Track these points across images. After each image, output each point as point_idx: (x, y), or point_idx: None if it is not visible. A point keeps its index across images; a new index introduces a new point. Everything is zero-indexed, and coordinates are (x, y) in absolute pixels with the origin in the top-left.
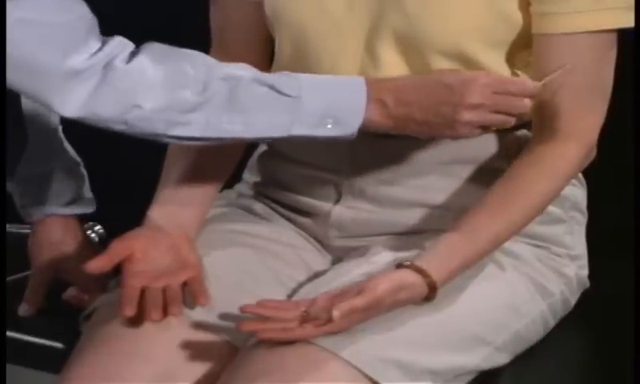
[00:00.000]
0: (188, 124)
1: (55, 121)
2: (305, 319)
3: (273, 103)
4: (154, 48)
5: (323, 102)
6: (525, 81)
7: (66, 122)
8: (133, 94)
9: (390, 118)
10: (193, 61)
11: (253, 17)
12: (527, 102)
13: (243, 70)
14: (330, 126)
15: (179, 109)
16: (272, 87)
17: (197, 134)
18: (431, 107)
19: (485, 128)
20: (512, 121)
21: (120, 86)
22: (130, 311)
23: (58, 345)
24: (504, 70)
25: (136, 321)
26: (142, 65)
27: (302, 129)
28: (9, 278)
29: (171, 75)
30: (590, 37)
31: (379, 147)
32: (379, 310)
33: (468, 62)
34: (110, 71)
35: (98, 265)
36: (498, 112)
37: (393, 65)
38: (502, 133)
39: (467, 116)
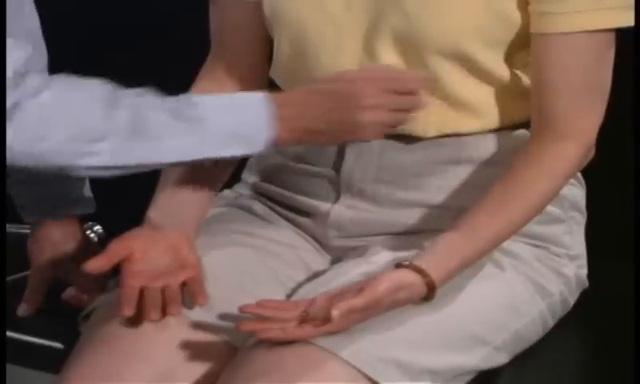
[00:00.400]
0: (97, 154)
1: None
2: (304, 319)
3: (174, 128)
4: (60, 80)
5: (229, 122)
6: (408, 79)
7: None
8: (40, 128)
9: (293, 131)
10: (97, 91)
11: (252, 17)
12: (416, 100)
13: (143, 97)
14: (237, 146)
15: (86, 138)
16: (172, 112)
17: (107, 163)
18: (328, 115)
19: (390, 127)
20: (406, 118)
21: (27, 122)
22: (128, 311)
23: (57, 345)
24: (503, 70)
25: (135, 321)
26: (48, 98)
27: (215, 151)
28: (8, 278)
29: (77, 106)
30: (589, 36)
31: (378, 147)
32: (378, 309)
33: (467, 62)
34: (18, 110)
35: (97, 265)
36: (393, 110)
37: (391, 64)
38: (501, 133)
39: (368, 117)
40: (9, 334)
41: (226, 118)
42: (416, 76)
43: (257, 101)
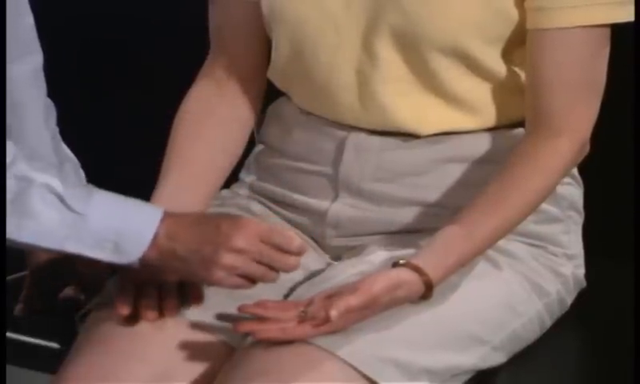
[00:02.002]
0: None
1: (53, 122)
2: (302, 319)
3: (54, 213)
4: None
5: (108, 225)
6: (292, 237)
7: (64, 123)
8: None
9: (155, 248)
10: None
11: (251, 17)
12: (293, 261)
13: (41, 173)
14: (108, 251)
15: None
16: (61, 198)
17: None
18: (195, 244)
19: (245, 278)
20: (272, 276)
21: None
22: (125, 310)
23: (54, 345)
24: (501, 67)
25: (132, 321)
26: None
27: (76, 247)
28: (6, 278)
29: None
30: (584, 32)
31: (376, 146)
32: (376, 308)
33: (465, 59)
34: None
35: (94, 264)
36: (259, 262)
37: (390, 62)
38: (499, 131)
39: (227, 259)
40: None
41: (109, 219)
42: (292, 237)
43: (148, 217)
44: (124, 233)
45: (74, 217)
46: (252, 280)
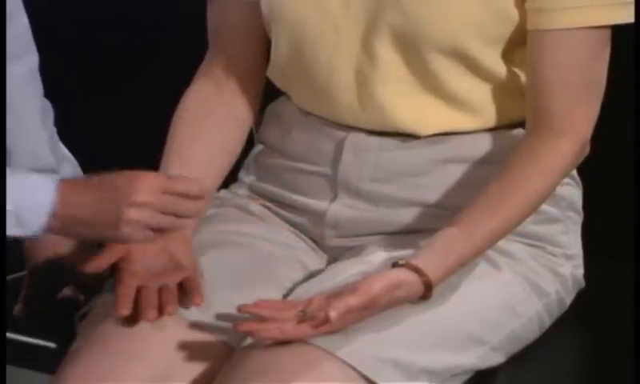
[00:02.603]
0: None
1: (50, 122)
2: (301, 319)
3: None
4: None
5: (7, 199)
6: (193, 180)
7: (62, 124)
8: None
9: (56, 217)
10: None
11: (250, 16)
12: (198, 205)
13: None
14: (11, 226)
15: None
16: None
17: None
18: (95, 206)
19: (155, 231)
20: (181, 223)
21: None
22: (125, 310)
23: (53, 345)
24: (501, 68)
25: (132, 321)
26: None
27: None
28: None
29: None
30: (585, 33)
31: (375, 146)
32: (375, 309)
33: (465, 59)
34: None
35: (94, 264)
36: (166, 213)
37: (390, 62)
38: (498, 132)
39: (132, 215)
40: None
41: (8, 196)
42: (190, 181)
43: (43, 187)
44: (22, 205)
45: None
46: (161, 231)
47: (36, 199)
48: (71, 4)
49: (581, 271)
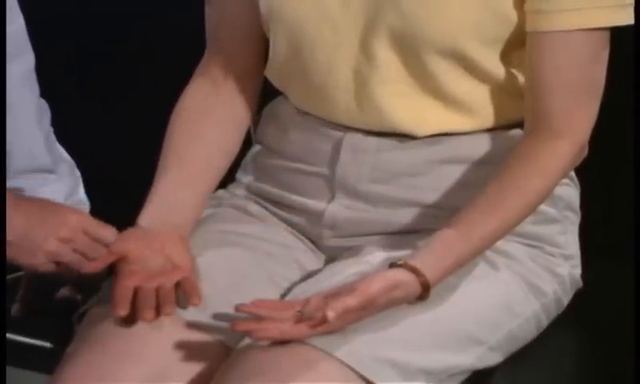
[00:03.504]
0: None
1: (47, 122)
2: (299, 319)
3: None
4: None
5: None
6: (111, 230)
7: (58, 124)
8: None
9: None
10: None
11: (248, 16)
12: (102, 251)
13: None
14: None
15: None
16: None
17: None
18: (22, 230)
19: (60, 264)
20: (84, 264)
21: None
22: (123, 311)
23: (51, 345)
24: (499, 69)
25: (129, 321)
26: None
27: None
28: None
29: None
30: (584, 35)
31: (372, 146)
32: (373, 309)
33: (463, 60)
34: None
35: (91, 265)
36: (79, 251)
37: (388, 63)
38: (497, 132)
39: (53, 247)
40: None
41: None
42: (112, 229)
43: None
44: None
45: None
46: (65, 267)
47: None
48: (67, 4)
49: (578, 271)
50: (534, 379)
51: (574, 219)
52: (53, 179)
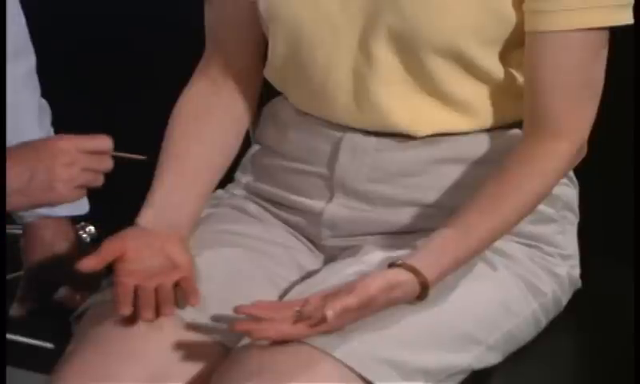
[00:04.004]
0: None
1: (47, 122)
2: (298, 319)
3: None
4: None
5: None
6: (100, 138)
7: (59, 124)
8: None
9: None
10: None
11: (247, 16)
12: (108, 161)
13: None
14: None
15: None
16: None
17: None
18: (26, 173)
19: (83, 186)
20: (101, 179)
21: None
22: (127, 309)
23: (49, 345)
24: (498, 69)
25: (128, 321)
26: None
27: None
28: None
29: None
30: (583, 35)
31: (371, 146)
32: (372, 308)
33: (462, 60)
34: None
35: (90, 264)
36: (87, 170)
37: (387, 63)
38: (495, 132)
39: (64, 174)
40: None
41: None
42: (104, 137)
43: None
44: None
45: None
46: (87, 189)
47: None
48: (68, 4)
49: (577, 271)
50: (533, 379)
51: (573, 219)
52: None
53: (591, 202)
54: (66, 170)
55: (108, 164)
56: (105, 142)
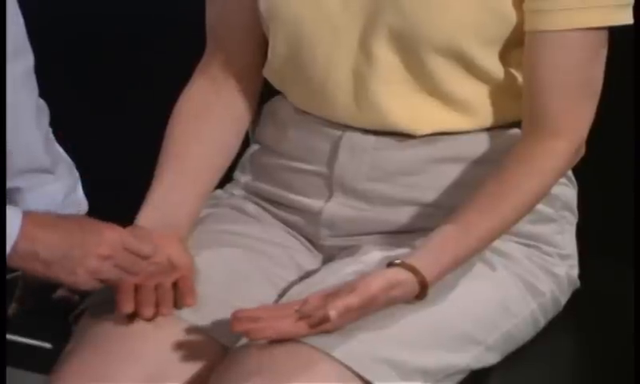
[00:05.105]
0: None
1: (45, 122)
2: (297, 318)
3: None
4: None
5: None
6: (152, 244)
7: (58, 124)
8: None
9: (15, 252)
10: None
11: (248, 15)
12: (146, 266)
13: None
14: None
15: None
16: None
17: None
18: (61, 249)
19: (103, 281)
20: (129, 279)
21: None
22: (129, 308)
23: (48, 345)
24: (498, 68)
25: (127, 321)
26: None
27: None
28: None
29: None
30: (582, 34)
31: (371, 145)
32: (372, 308)
33: (462, 60)
34: None
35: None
36: (120, 267)
37: (387, 62)
38: (495, 132)
39: (93, 265)
40: None
41: None
42: (151, 244)
43: (9, 221)
44: None
45: None
46: (107, 282)
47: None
48: (67, 4)
49: (576, 271)
50: (532, 379)
51: (572, 219)
52: (51, 179)
53: (590, 202)
54: (97, 262)
55: (140, 269)
56: (149, 250)
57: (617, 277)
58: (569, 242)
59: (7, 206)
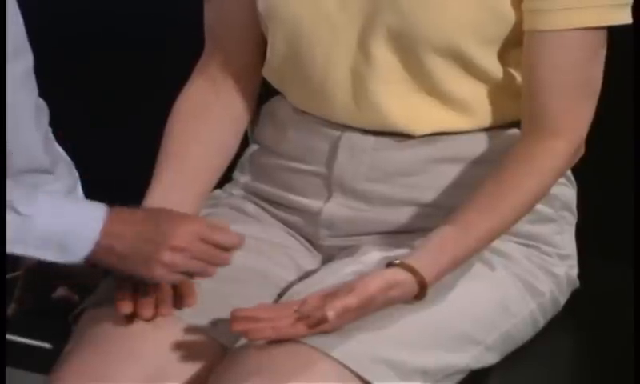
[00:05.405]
0: None
1: (45, 122)
2: (296, 319)
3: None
4: None
5: (53, 226)
6: (232, 234)
7: (57, 124)
8: None
9: (98, 247)
10: None
11: (247, 14)
12: (226, 256)
13: None
14: (52, 252)
15: None
16: (9, 202)
17: None
18: (136, 241)
19: (184, 274)
20: (209, 271)
21: None
22: (127, 308)
23: (47, 345)
24: (497, 68)
25: (126, 321)
26: None
27: (23, 249)
28: None
29: None
30: (581, 34)
31: (370, 145)
32: (371, 308)
33: (461, 60)
34: None
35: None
36: (198, 259)
37: (386, 62)
38: (494, 132)
39: (168, 257)
40: None
41: (54, 221)
42: (234, 234)
43: (92, 216)
44: (69, 233)
45: (21, 219)
46: (190, 275)
47: (86, 227)
48: (66, 3)
49: (575, 271)
50: (531, 379)
51: (571, 219)
52: (51, 179)
53: (589, 202)
54: (169, 254)
55: (226, 260)
56: (234, 240)
57: (616, 277)
58: (568, 242)
59: (89, 201)
